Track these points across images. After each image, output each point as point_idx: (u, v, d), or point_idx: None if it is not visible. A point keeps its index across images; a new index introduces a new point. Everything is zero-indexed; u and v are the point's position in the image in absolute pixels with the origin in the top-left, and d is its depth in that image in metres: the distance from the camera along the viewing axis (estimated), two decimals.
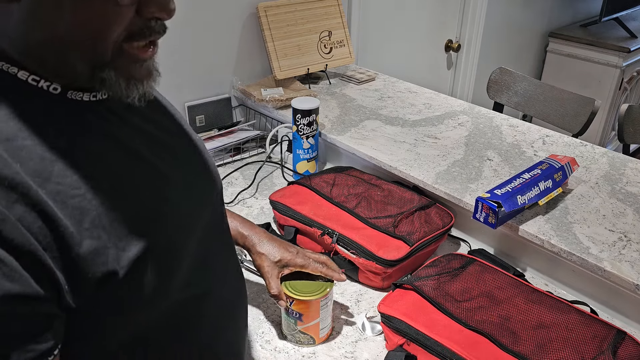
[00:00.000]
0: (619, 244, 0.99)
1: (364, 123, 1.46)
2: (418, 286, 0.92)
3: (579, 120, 1.82)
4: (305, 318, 0.88)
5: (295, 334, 0.91)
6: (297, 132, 1.32)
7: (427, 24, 2.31)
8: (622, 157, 1.31)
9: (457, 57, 2.51)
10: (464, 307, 0.88)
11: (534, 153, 1.32)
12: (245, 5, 1.59)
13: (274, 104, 1.53)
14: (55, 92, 0.53)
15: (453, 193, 1.15)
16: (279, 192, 1.20)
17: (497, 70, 2.08)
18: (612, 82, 2.88)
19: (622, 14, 2.94)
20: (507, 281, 0.95)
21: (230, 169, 1.44)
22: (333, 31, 1.73)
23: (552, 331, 0.84)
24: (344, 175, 1.25)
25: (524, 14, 2.77)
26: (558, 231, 1.03)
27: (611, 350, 0.80)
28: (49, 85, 0.52)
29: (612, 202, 1.12)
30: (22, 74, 0.51)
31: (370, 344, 0.92)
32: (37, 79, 0.52)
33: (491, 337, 0.82)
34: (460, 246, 1.18)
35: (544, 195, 1.07)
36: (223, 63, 1.61)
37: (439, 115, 1.53)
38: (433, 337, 0.83)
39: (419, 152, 1.31)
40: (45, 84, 0.52)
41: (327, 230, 1.07)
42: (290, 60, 1.64)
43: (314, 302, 0.87)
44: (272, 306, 1.00)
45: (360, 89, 1.71)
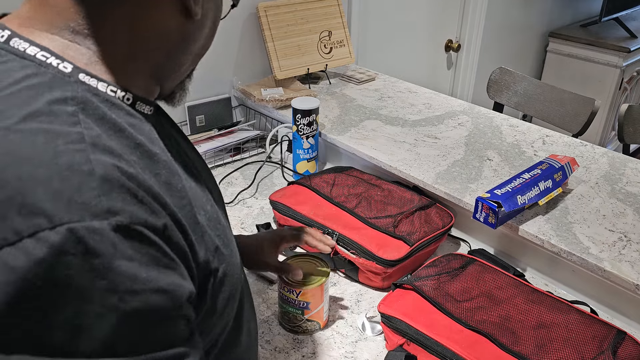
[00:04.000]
0: (619, 244, 0.99)
1: (364, 123, 1.46)
2: (418, 286, 0.92)
3: (579, 120, 1.82)
4: (312, 306, 0.90)
5: (302, 324, 0.92)
6: (297, 132, 1.32)
7: (427, 24, 2.31)
8: (622, 157, 1.31)
9: (457, 57, 2.51)
10: (464, 307, 0.88)
11: (534, 153, 1.32)
12: (245, 5, 1.59)
13: (274, 104, 1.53)
14: (128, 102, 0.50)
15: (453, 193, 1.15)
16: (279, 192, 1.20)
17: (497, 70, 2.08)
18: (612, 82, 2.88)
19: (622, 14, 2.94)
20: (507, 281, 0.95)
21: (230, 169, 1.44)
22: (333, 31, 1.72)
23: (552, 331, 0.84)
24: (344, 175, 1.25)
25: (524, 14, 2.77)
26: (558, 231, 1.03)
27: (611, 350, 0.80)
28: (123, 96, 0.50)
29: (612, 202, 1.12)
30: (102, 85, 0.48)
31: (370, 344, 0.92)
32: (115, 90, 0.49)
33: (491, 337, 0.82)
34: (460, 246, 1.18)
35: (544, 195, 1.07)
36: (223, 63, 1.61)
37: (439, 115, 1.53)
38: (433, 337, 0.83)
39: (419, 152, 1.31)
40: (121, 94, 0.49)
41: (327, 230, 1.07)
42: (290, 60, 1.64)
43: (319, 288, 0.89)
44: (272, 306, 1.00)
45: (360, 89, 1.71)
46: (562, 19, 3.10)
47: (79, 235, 0.38)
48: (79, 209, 0.38)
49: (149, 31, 0.49)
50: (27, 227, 0.37)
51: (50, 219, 0.37)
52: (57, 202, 0.38)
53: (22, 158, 0.39)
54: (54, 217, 0.38)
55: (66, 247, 0.37)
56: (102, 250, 0.38)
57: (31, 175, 0.39)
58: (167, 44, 0.51)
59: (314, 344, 0.92)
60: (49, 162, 0.40)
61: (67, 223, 0.38)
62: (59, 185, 0.39)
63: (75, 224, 0.38)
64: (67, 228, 0.37)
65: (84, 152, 0.41)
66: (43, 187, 0.38)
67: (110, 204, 0.40)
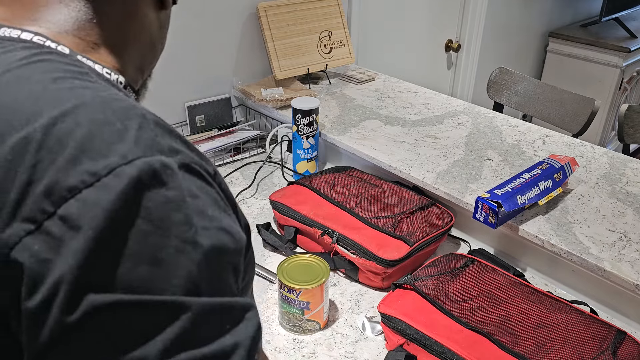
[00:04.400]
0: (619, 244, 0.99)
1: (364, 123, 1.46)
2: (418, 286, 0.92)
3: (579, 120, 1.82)
4: (312, 306, 0.90)
5: (302, 324, 0.92)
6: (297, 132, 1.32)
7: (427, 24, 2.31)
8: (622, 157, 1.31)
9: (457, 57, 2.51)
10: (464, 307, 0.88)
11: (534, 153, 1.32)
12: (245, 5, 1.59)
13: (274, 104, 1.53)
14: (121, 85, 0.53)
15: (453, 193, 1.15)
16: (279, 192, 1.20)
17: (497, 70, 2.08)
18: (612, 82, 2.88)
19: (622, 14, 2.94)
20: (507, 281, 0.95)
21: (230, 169, 1.44)
22: (333, 31, 1.72)
23: (552, 331, 0.84)
24: (344, 175, 1.25)
25: (524, 14, 2.77)
26: (558, 231, 1.03)
27: (611, 350, 0.80)
28: (117, 79, 0.52)
29: (612, 202, 1.12)
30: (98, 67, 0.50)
31: (370, 344, 0.92)
32: (110, 72, 0.51)
33: (491, 337, 0.82)
34: (460, 246, 1.18)
35: (544, 195, 1.07)
36: (223, 63, 1.61)
37: (439, 115, 1.53)
38: (433, 337, 0.83)
39: (419, 152, 1.31)
40: (115, 77, 0.51)
41: (327, 230, 1.07)
42: (290, 60, 1.64)
43: (319, 288, 0.89)
44: (272, 306, 1.00)
45: (360, 89, 1.71)
46: (562, 19, 3.10)
47: (154, 168, 0.38)
48: (148, 146, 0.39)
49: (138, 23, 0.53)
50: (102, 167, 0.37)
51: (123, 156, 0.38)
52: (125, 142, 0.39)
53: (74, 106, 0.40)
54: (126, 154, 0.38)
55: (144, 179, 0.37)
56: (175, 184, 0.39)
57: (91, 119, 0.39)
58: (151, 35, 0.55)
59: (314, 344, 0.92)
60: (104, 108, 0.40)
61: (141, 157, 0.38)
62: (121, 126, 0.39)
63: (149, 157, 0.38)
64: (143, 161, 0.38)
65: (128, 100, 0.42)
66: (108, 129, 0.39)
67: (170, 143, 0.41)
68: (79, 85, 0.42)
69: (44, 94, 0.40)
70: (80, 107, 0.40)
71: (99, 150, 0.38)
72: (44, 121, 0.39)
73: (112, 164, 0.37)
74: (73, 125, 0.39)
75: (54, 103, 0.40)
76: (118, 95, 0.43)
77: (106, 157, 0.38)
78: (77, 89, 0.42)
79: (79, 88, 0.42)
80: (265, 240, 1.14)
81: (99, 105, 0.40)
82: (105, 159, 0.38)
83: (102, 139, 0.38)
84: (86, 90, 0.42)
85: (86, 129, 0.39)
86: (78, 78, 0.43)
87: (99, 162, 0.37)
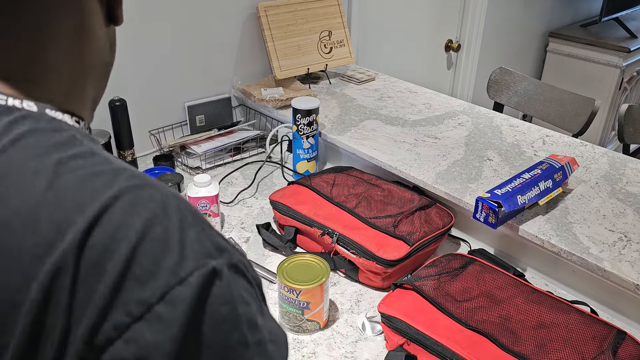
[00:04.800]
0: (619, 244, 0.99)
1: (364, 123, 1.46)
2: (418, 286, 0.92)
3: (579, 120, 1.82)
4: (312, 306, 0.90)
5: (302, 324, 0.92)
6: (297, 132, 1.32)
7: (427, 24, 2.31)
8: (622, 157, 1.31)
9: (457, 57, 2.51)
10: (464, 307, 0.88)
11: (534, 153, 1.32)
12: (245, 5, 1.59)
13: (274, 104, 1.53)
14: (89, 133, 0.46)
15: (453, 193, 1.15)
16: (279, 192, 1.20)
17: (497, 70, 2.08)
18: (612, 82, 2.88)
19: (622, 14, 2.94)
20: (507, 281, 0.95)
21: (230, 169, 1.44)
22: (333, 31, 1.72)
23: (552, 331, 0.84)
24: (344, 175, 1.25)
25: (524, 14, 2.77)
26: (558, 231, 1.03)
27: (611, 350, 0.80)
28: (84, 125, 0.45)
29: (612, 202, 1.12)
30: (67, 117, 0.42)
31: (370, 344, 0.92)
32: (78, 121, 0.43)
33: (491, 337, 0.82)
34: (460, 246, 1.18)
35: (544, 195, 1.07)
36: (223, 63, 1.61)
37: (439, 115, 1.53)
38: (433, 337, 0.83)
39: (419, 152, 1.31)
40: (82, 124, 0.44)
41: (327, 230, 1.07)
42: (290, 60, 1.64)
43: (319, 288, 0.89)
44: (272, 306, 1.00)
45: (360, 89, 1.71)
46: (562, 19, 3.10)
47: (209, 280, 0.34)
48: (197, 252, 0.34)
49: (92, 48, 0.44)
50: (151, 294, 0.32)
51: (174, 273, 0.33)
52: (171, 251, 0.33)
53: (100, 212, 0.34)
54: (177, 269, 0.33)
55: (201, 298, 0.33)
56: (229, 296, 0.35)
57: (126, 228, 0.33)
58: (104, 58, 0.47)
59: (314, 344, 0.92)
60: (133, 205, 0.34)
61: (194, 272, 0.33)
62: (162, 230, 0.34)
63: (202, 269, 0.34)
64: (197, 277, 0.33)
65: (150, 187, 0.36)
66: (149, 239, 0.33)
67: (212, 238, 0.36)
68: (82, 169, 0.35)
69: (53, 197, 0.34)
70: (107, 211, 0.34)
71: (145, 270, 0.32)
72: (70, 240, 0.32)
73: (163, 287, 0.32)
74: (107, 240, 0.33)
75: (73, 211, 0.33)
76: (125, 167, 0.37)
77: (154, 277, 0.32)
78: (87, 180, 0.35)
79: (88, 177, 0.35)
80: (265, 240, 1.14)
81: (128, 204, 0.34)
82: (154, 281, 0.32)
83: (145, 254, 0.33)
84: (96, 179, 0.35)
85: (125, 244, 0.33)
86: (75, 156, 0.36)
87: (146, 287, 0.32)
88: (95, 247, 0.32)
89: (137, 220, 0.34)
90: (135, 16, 1.37)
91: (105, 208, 0.34)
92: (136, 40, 1.40)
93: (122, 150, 1.40)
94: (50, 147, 0.36)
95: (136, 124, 1.44)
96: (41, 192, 0.34)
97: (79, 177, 0.35)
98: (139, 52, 1.41)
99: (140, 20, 1.38)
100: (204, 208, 1.14)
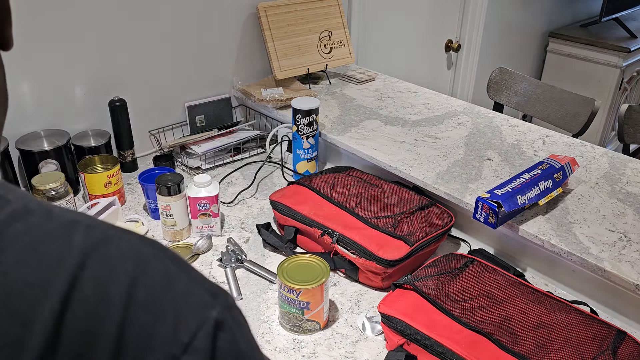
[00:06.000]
0: (619, 244, 0.99)
1: (364, 123, 1.46)
2: (418, 286, 0.92)
3: (579, 120, 1.82)
4: (312, 306, 0.90)
5: (302, 324, 0.92)
6: (297, 132, 1.32)
7: (427, 24, 2.31)
8: (622, 157, 1.31)
9: (457, 57, 2.51)
10: (464, 307, 0.88)
11: (534, 153, 1.32)
12: (245, 5, 1.59)
13: (274, 104, 1.53)
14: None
15: (453, 193, 1.15)
16: (279, 192, 1.20)
17: (497, 70, 2.08)
18: (612, 82, 2.88)
19: (622, 14, 2.94)
20: (507, 281, 0.95)
21: (230, 169, 1.44)
22: (333, 31, 1.72)
23: (552, 331, 0.84)
24: (344, 175, 1.25)
25: (524, 14, 2.77)
26: (558, 231, 1.03)
27: (611, 350, 0.80)
28: None
29: (612, 202, 1.12)
30: None
31: (370, 344, 0.92)
32: None
33: (491, 337, 0.82)
34: (460, 246, 1.18)
35: (544, 195, 1.07)
36: (223, 63, 1.61)
37: (439, 115, 1.53)
38: (433, 337, 0.83)
39: (419, 152, 1.31)
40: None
41: (327, 230, 1.07)
42: (290, 60, 1.64)
43: (319, 288, 0.90)
44: (272, 306, 1.00)
45: (360, 89, 1.71)
46: (562, 19, 3.10)
47: (213, 340, 0.31)
48: (193, 308, 0.31)
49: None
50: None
51: (174, 341, 0.29)
52: (167, 314, 0.30)
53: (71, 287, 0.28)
54: (177, 337, 0.29)
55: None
56: (236, 349, 0.32)
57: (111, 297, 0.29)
58: (3, 85, 0.39)
59: (314, 344, 0.92)
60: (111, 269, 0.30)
61: (196, 334, 0.30)
62: (146, 297, 0.30)
63: (205, 327, 0.31)
64: (201, 341, 0.30)
65: (115, 239, 0.31)
66: (143, 306, 0.29)
67: (204, 284, 0.33)
68: (25, 237, 0.29)
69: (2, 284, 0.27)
70: (75, 287, 0.28)
71: (140, 346, 0.28)
72: (40, 333, 0.27)
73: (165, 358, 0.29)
74: (84, 324, 0.28)
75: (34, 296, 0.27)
76: (73, 218, 0.31)
77: (153, 352, 0.29)
78: (37, 251, 0.29)
79: (37, 246, 0.29)
80: (265, 240, 1.14)
81: (97, 272, 0.29)
82: (153, 356, 0.29)
83: (135, 328, 0.29)
84: (48, 246, 0.29)
85: (109, 324, 0.28)
86: (8, 220, 0.29)
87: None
88: (73, 338, 0.27)
89: (114, 289, 0.29)
90: (135, 16, 1.37)
91: (71, 284, 0.28)
92: (136, 40, 1.40)
93: (122, 150, 1.40)
94: None
95: (136, 124, 1.44)
96: None
97: (26, 249, 0.28)
98: (138, 52, 1.41)
99: (140, 21, 1.39)
100: (204, 208, 1.14)
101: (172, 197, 1.12)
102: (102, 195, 1.22)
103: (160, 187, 1.11)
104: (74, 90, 1.35)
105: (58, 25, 1.26)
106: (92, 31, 1.32)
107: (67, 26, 1.28)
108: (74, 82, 1.34)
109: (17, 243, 0.28)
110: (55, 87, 1.31)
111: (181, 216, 1.15)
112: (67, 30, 1.28)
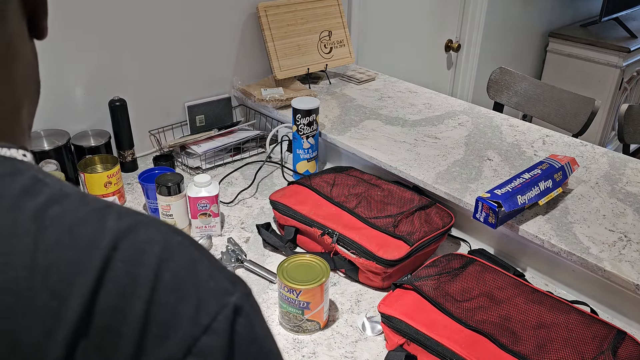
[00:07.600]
0: (619, 244, 0.99)
1: (364, 123, 1.46)
2: (418, 286, 0.92)
3: (579, 120, 1.82)
4: (312, 306, 0.90)
5: (302, 324, 0.92)
6: (297, 132, 1.32)
7: (427, 24, 2.31)
8: (622, 157, 1.31)
9: (457, 57, 2.51)
10: (464, 307, 0.88)
11: (534, 153, 1.32)
12: (245, 5, 1.59)
13: (274, 104, 1.53)
14: None
15: (453, 193, 1.15)
16: (279, 192, 1.20)
17: (497, 70, 2.08)
18: (612, 82, 2.88)
19: (622, 14, 2.94)
20: (507, 281, 0.95)
21: (230, 169, 1.44)
22: (333, 31, 1.72)
23: (552, 331, 0.84)
24: (344, 175, 1.25)
25: (524, 14, 2.77)
26: (558, 231, 1.03)
27: (611, 350, 0.80)
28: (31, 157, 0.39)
29: (612, 202, 1.12)
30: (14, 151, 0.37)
31: (370, 344, 0.92)
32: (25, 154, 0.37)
33: (491, 337, 0.82)
34: (460, 246, 1.18)
35: (544, 195, 1.07)
36: (223, 63, 1.61)
37: (439, 115, 1.53)
38: (433, 337, 0.83)
39: (419, 152, 1.31)
40: (29, 157, 0.38)
41: (327, 230, 1.07)
42: (290, 60, 1.64)
43: (319, 288, 0.90)
44: (273, 306, 1.00)
45: (360, 89, 1.71)
46: (562, 19, 3.10)
47: (232, 321, 0.32)
48: (214, 293, 0.33)
49: (22, 67, 0.39)
50: (176, 349, 0.30)
51: (195, 323, 0.31)
52: (189, 297, 0.32)
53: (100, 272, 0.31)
54: (198, 317, 0.31)
55: (229, 344, 0.32)
56: (253, 334, 0.34)
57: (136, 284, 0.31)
58: (34, 75, 0.41)
59: (314, 344, 0.92)
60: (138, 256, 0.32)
61: (217, 316, 0.32)
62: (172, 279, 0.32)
63: (226, 311, 0.32)
64: (221, 322, 0.32)
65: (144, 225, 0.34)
66: (164, 288, 0.31)
67: (224, 271, 0.35)
68: (63, 218, 0.32)
69: (43, 259, 0.30)
70: (108, 267, 0.31)
71: (164, 324, 0.30)
72: (75, 307, 0.29)
73: (188, 340, 0.31)
74: (115, 301, 0.30)
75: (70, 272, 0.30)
76: (106, 204, 0.34)
77: (175, 331, 0.31)
78: (73, 232, 0.31)
79: (73, 227, 0.31)
80: (265, 240, 1.14)
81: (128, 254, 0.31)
82: (176, 335, 0.30)
83: (160, 308, 0.31)
84: (83, 227, 0.31)
85: (136, 302, 0.30)
86: (49, 203, 0.32)
87: (169, 343, 0.30)
88: (104, 312, 0.30)
89: (142, 271, 0.31)
90: (135, 16, 1.37)
91: (105, 265, 0.30)
92: (136, 40, 1.40)
93: (122, 150, 1.40)
94: (18, 197, 0.31)
95: (136, 124, 1.44)
96: (29, 256, 0.29)
97: (64, 230, 0.31)
98: (139, 52, 1.41)
99: (140, 21, 1.39)
100: (204, 208, 1.14)
101: (172, 197, 1.12)
102: (102, 195, 1.22)
103: (160, 187, 1.11)
104: (74, 90, 1.35)
105: (58, 25, 1.26)
106: (93, 31, 1.32)
107: (67, 26, 1.28)
108: (74, 82, 1.34)
109: (57, 224, 0.31)
110: (55, 87, 1.31)
111: (181, 216, 1.15)
112: (67, 30, 1.28)
